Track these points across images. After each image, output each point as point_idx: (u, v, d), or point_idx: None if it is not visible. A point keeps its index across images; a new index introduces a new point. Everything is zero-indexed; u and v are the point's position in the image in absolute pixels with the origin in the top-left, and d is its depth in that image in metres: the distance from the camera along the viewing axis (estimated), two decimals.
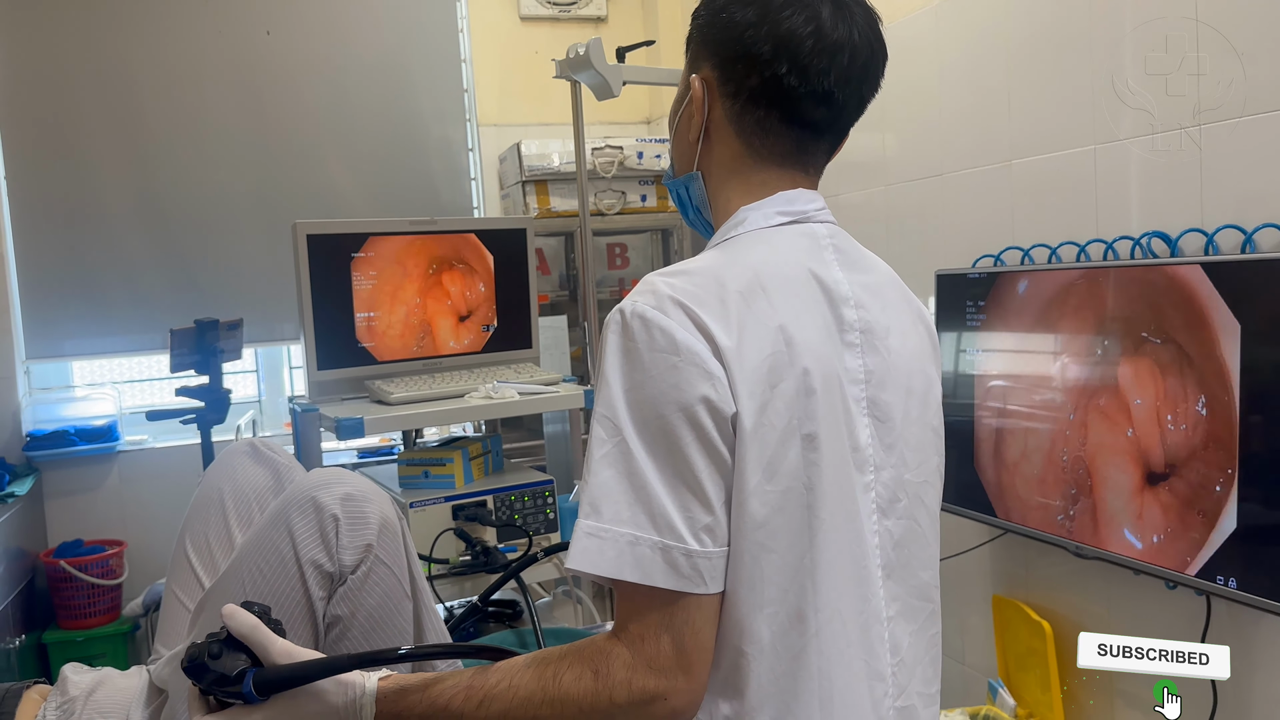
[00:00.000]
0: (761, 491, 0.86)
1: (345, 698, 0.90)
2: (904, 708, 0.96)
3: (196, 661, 0.90)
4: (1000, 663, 2.22)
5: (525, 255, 2.31)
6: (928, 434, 1.01)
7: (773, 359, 0.88)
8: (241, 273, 3.19)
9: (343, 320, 2.09)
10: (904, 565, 0.97)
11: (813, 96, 0.95)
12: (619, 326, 0.88)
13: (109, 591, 2.96)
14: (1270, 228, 1.57)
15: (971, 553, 2.28)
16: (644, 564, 0.83)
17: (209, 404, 2.22)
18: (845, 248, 1.00)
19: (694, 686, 0.85)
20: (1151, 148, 1.77)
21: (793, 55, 0.94)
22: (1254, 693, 1.67)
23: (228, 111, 3.19)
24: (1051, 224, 2.01)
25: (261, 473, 1.44)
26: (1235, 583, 1.58)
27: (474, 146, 3.58)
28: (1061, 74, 1.96)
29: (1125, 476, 1.76)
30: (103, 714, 1.20)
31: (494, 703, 0.86)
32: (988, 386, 2.09)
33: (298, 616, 1.11)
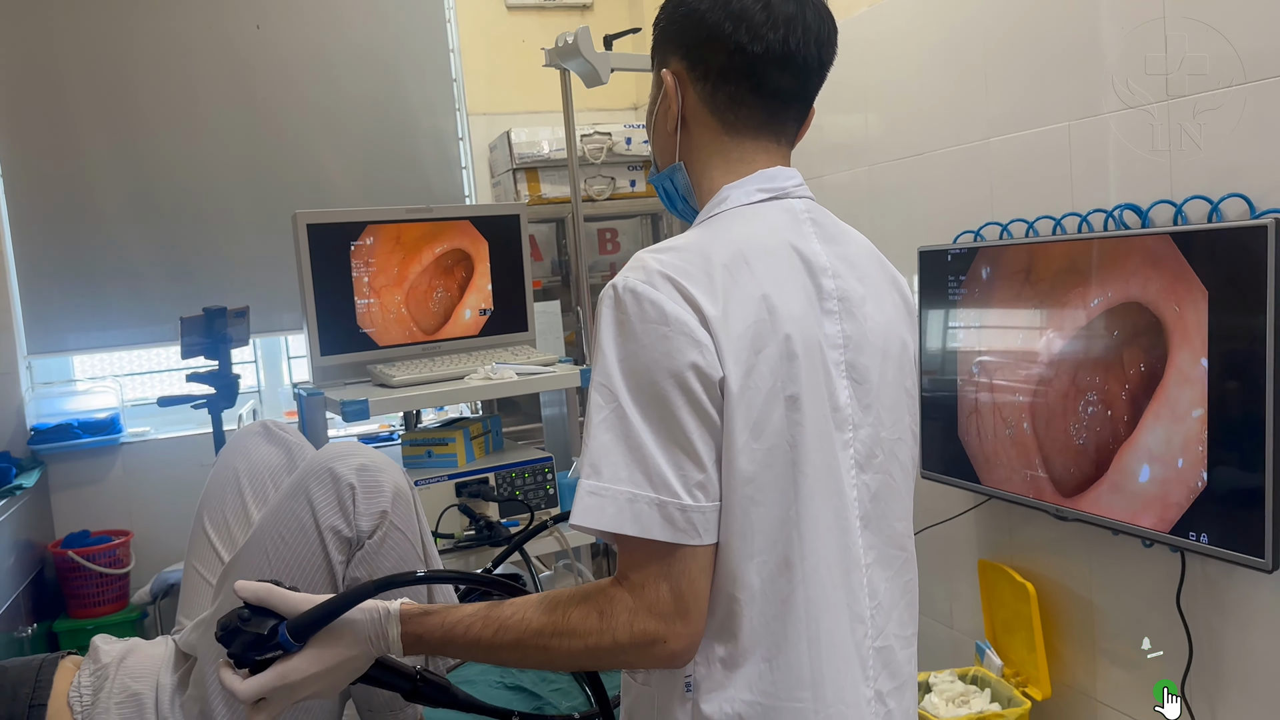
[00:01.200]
0: (749, 450, 0.92)
1: (373, 621, 0.97)
2: (882, 648, 1.03)
3: (229, 628, 0.95)
4: (987, 625, 2.29)
5: (520, 240, 2.36)
6: (901, 395, 1.08)
7: (756, 327, 0.94)
8: (238, 264, 3.24)
9: (344, 307, 2.15)
10: (880, 516, 1.04)
11: (775, 62, 1.02)
12: (612, 301, 0.94)
13: (117, 580, 3.01)
14: (1235, 198, 1.64)
15: (957, 519, 2.35)
16: (642, 519, 0.89)
17: (219, 389, 2.28)
18: (823, 221, 1.07)
19: (691, 631, 0.91)
20: (1124, 123, 1.84)
21: (749, 25, 1.01)
22: (1226, 642, 1.75)
23: (220, 105, 3.23)
24: (1029, 199, 2.07)
25: (274, 452, 1.50)
26: (1207, 538, 1.65)
27: (464, 135, 3.63)
28: (1037, 53, 2.02)
29: (1102, 441, 1.83)
30: (134, 678, 1.26)
31: (507, 632, 0.93)
32: (970, 359, 2.16)
33: (318, 580, 1.18)
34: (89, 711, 1.23)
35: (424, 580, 1.12)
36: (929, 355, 2.28)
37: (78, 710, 1.23)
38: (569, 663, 0.94)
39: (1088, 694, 2.07)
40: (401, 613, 0.98)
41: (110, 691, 1.25)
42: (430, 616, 0.98)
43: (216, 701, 1.21)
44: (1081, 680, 2.08)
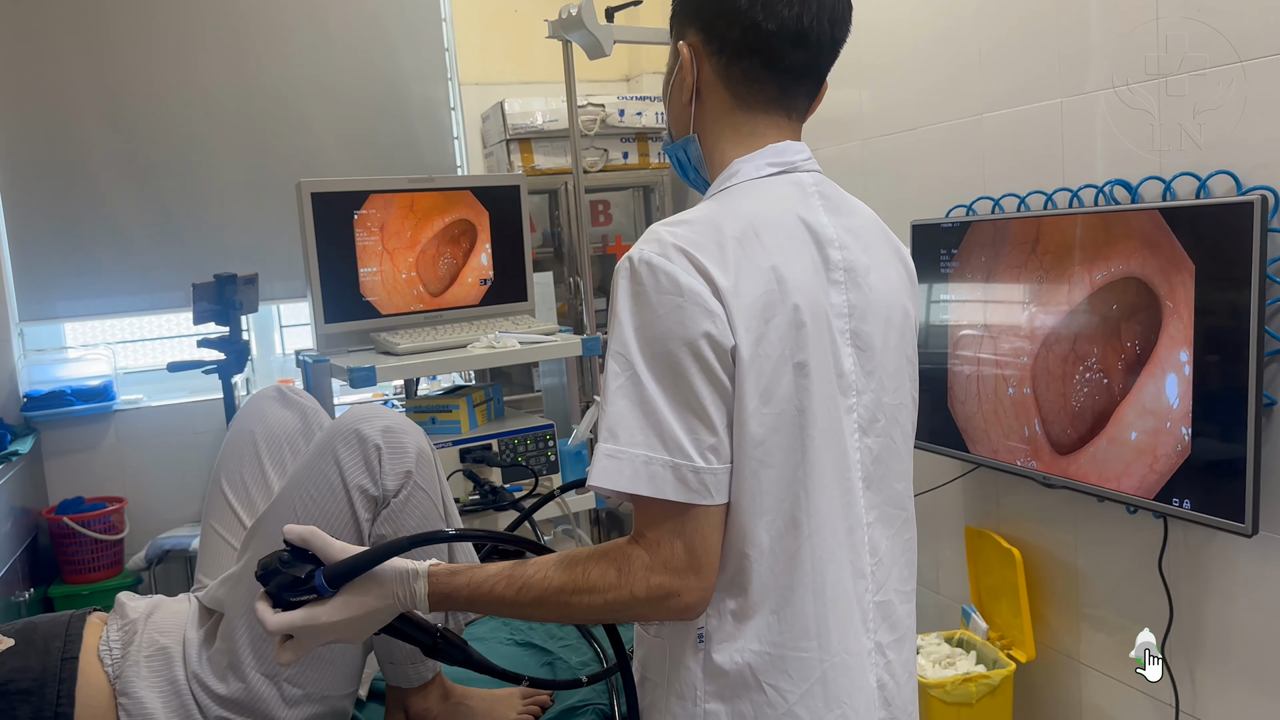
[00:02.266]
0: (759, 414, 0.97)
1: (401, 576, 1.02)
2: (882, 603, 1.09)
3: (269, 569, 1.00)
4: (973, 590, 2.36)
5: (519, 211, 2.39)
6: (903, 362, 1.13)
7: (766, 297, 0.98)
8: (231, 232, 3.24)
9: (347, 275, 2.17)
10: (881, 477, 1.09)
11: (789, 38, 1.05)
12: (629, 272, 0.98)
13: (111, 547, 3.03)
14: (1222, 174, 1.69)
15: (945, 487, 2.41)
16: (657, 480, 0.94)
17: (229, 355, 2.31)
18: (830, 194, 1.11)
19: (704, 585, 0.96)
20: (1114, 101, 1.88)
21: (765, 1, 1.04)
22: (1206, 604, 1.82)
23: (213, 73, 3.23)
24: (1021, 174, 2.12)
25: (290, 415, 1.54)
26: (1190, 504, 1.71)
27: (456, 105, 3.63)
28: (1030, 31, 2.06)
29: (1089, 409, 1.89)
30: (162, 633, 1.30)
31: (530, 590, 0.98)
32: (960, 331, 2.21)
33: (346, 537, 1.22)
34: (119, 665, 1.27)
35: (455, 538, 1.17)
36: (920, 327, 2.33)
37: (108, 663, 1.27)
38: (588, 617, 0.99)
39: (1071, 656, 2.14)
40: (429, 572, 1.02)
41: (139, 645, 1.28)
42: (456, 576, 1.02)
43: (245, 653, 1.25)
44: (1065, 643, 2.15)
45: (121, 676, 1.26)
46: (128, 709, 1.24)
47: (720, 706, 1.00)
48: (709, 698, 1.00)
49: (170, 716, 1.24)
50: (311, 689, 1.27)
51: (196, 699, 1.25)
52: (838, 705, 1.01)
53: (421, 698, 1.37)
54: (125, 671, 1.26)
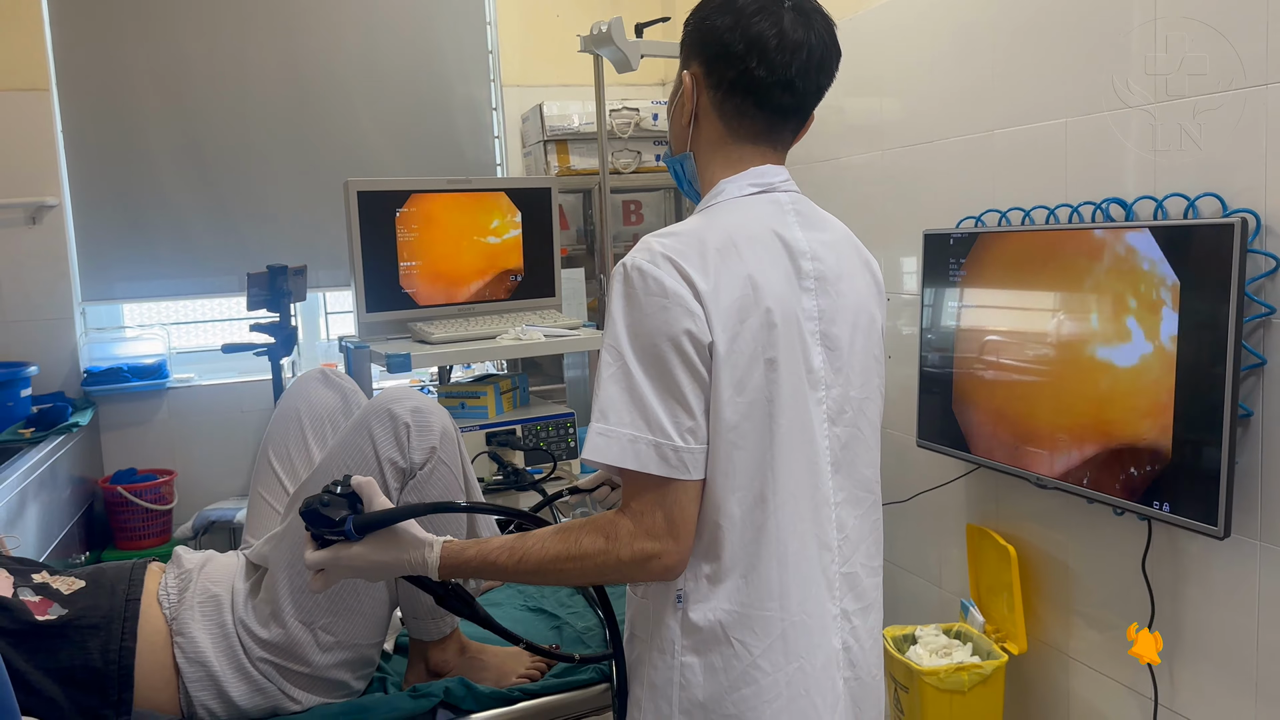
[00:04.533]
0: (733, 402, 1.11)
1: (418, 542, 1.18)
2: (848, 574, 1.22)
3: (312, 508, 1.16)
4: (972, 585, 2.47)
5: (550, 212, 2.53)
6: (870, 361, 1.26)
7: (741, 300, 1.12)
8: (281, 223, 3.41)
9: (388, 268, 2.33)
10: (849, 462, 1.22)
11: (778, 85, 1.19)
12: (622, 277, 1.13)
13: (161, 516, 3.21)
14: (1209, 196, 1.78)
15: (948, 486, 2.52)
16: (641, 457, 1.08)
17: (279, 339, 2.48)
18: (805, 211, 1.24)
19: (681, 549, 1.11)
20: (1117, 122, 1.98)
21: (761, 52, 1.17)
22: (1185, 603, 1.92)
23: (268, 72, 3.39)
24: (1027, 189, 2.22)
25: (332, 395, 1.70)
26: (1169, 507, 1.81)
27: (498, 106, 3.78)
28: (1040, 53, 2.16)
29: (1082, 415, 1.99)
30: (213, 583, 1.47)
31: (529, 559, 1.13)
32: (967, 337, 2.32)
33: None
34: (175, 608, 1.44)
35: (466, 509, 1.33)
36: (929, 332, 2.44)
37: (165, 607, 1.44)
38: (581, 580, 1.15)
39: (1062, 650, 2.24)
40: (444, 544, 1.19)
41: (194, 592, 1.45)
42: (466, 549, 1.18)
43: (286, 603, 1.41)
44: (1056, 637, 2.26)
45: (178, 619, 1.42)
46: (182, 647, 1.40)
47: (695, 659, 1.14)
48: (685, 651, 1.15)
49: (219, 655, 1.40)
50: (343, 636, 1.43)
51: (242, 641, 1.42)
52: (796, 659, 1.15)
53: (440, 650, 1.53)
54: (181, 614, 1.43)
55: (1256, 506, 1.75)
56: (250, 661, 1.41)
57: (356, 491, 1.19)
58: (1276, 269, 1.68)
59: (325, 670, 1.43)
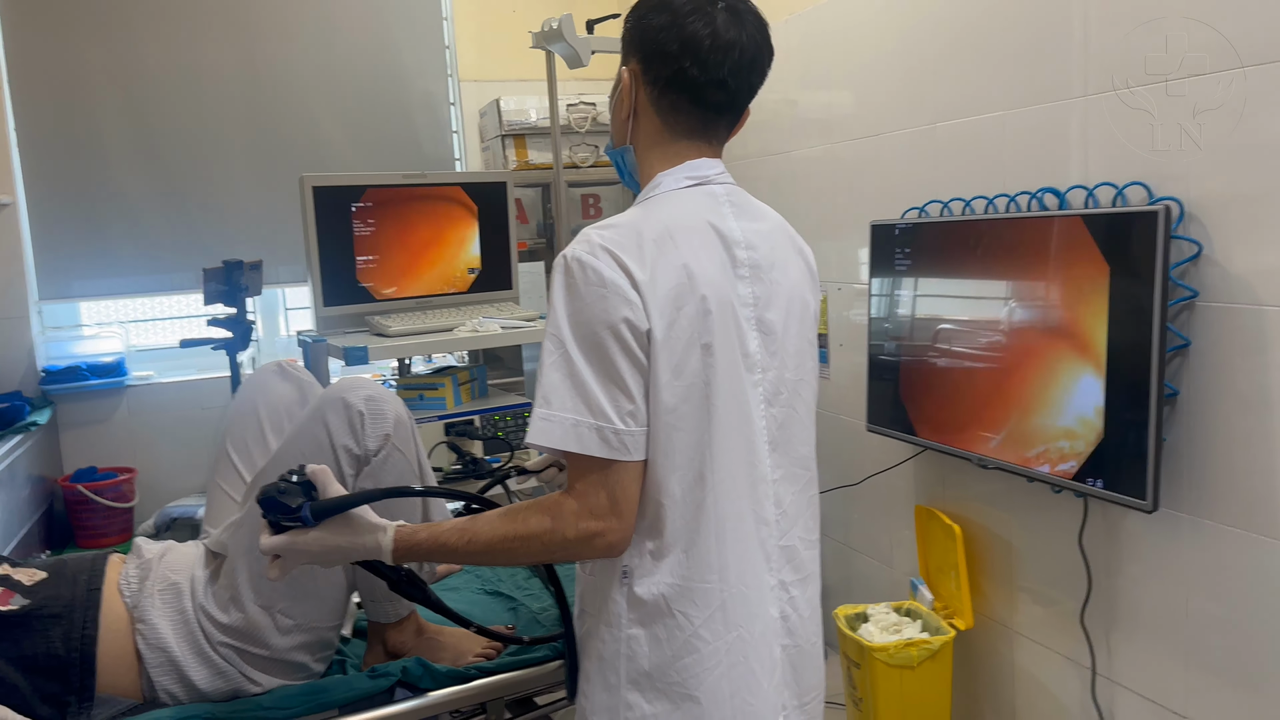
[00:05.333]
0: (671, 386, 1.16)
1: (372, 527, 1.22)
2: (786, 547, 1.28)
3: (269, 495, 1.20)
4: (921, 564, 2.54)
5: (506, 206, 2.57)
6: (804, 344, 1.32)
7: (677, 289, 1.17)
8: (239, 219, 3.41)
9: (345, 263, 2.36)
10: (786, 441, 1.28)
11: (711, 84, 1.24)
12: (563, 268, 1.18)
13: (122, 514, 3.21)
14: (1136, 185, 1.86)
15: (897, 468, 2.60)
16: (584, 439, 1.13)
17: (236, 334, 2.51)
18: (740, 202, 1.30)
19: (624, 527, 1.16)
20: (1050, 115, 2.05)
21: (694, 52, 1.22)
22: (1119, 576, 2.00)
23: (224, 65, 3.39)
24: (968, 180, 2.29)
25: (289, 388, 1.73)
26: (1102, 484, 1.89)
27: (455, 101, 3.80)
28: (978, 49, 2.23)
29: (1019, 397, 2.06)
30: (173, 571, 1.50)
31: (478, 540, 1.18)
32: (912, 324, 2.39)
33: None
34: (136, 596, 1.47)
35: (419, 494, 1.37)
36: (878, 321, 2.51)
37: (126, 595, 1.47)
38: (529, 559, 1.20)
39: (1006, 625, 2.33)
40: (396, 529, 1.23)
41: (154, 581, 1.48)
42: (418, 533, 1.23)
43: (245, 588, 1.44)
44: (1001, 612, 2.34)
45: (139, 606, 1.46)
46: (143, 633, 1.43)
47: (640, 631, 1.20)
48: (631, 624, 1.20)
49: (180, 641, 1.44)
50: (301, 620, 1.47)
51: (202, 627, 1.45)
52: (735, 628, 1.21)
53: (398, 632, 1.58)
54: (142, 602, 1.46)
55: (1184, 481, 1.83)
56: (211, 646, 1.45)
57: (311, 479, 1.23)
58: (1199, 254, 1.76)
59: (285, 653, 1.47)
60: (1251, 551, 1.72)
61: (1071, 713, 2.15)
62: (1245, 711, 1.76)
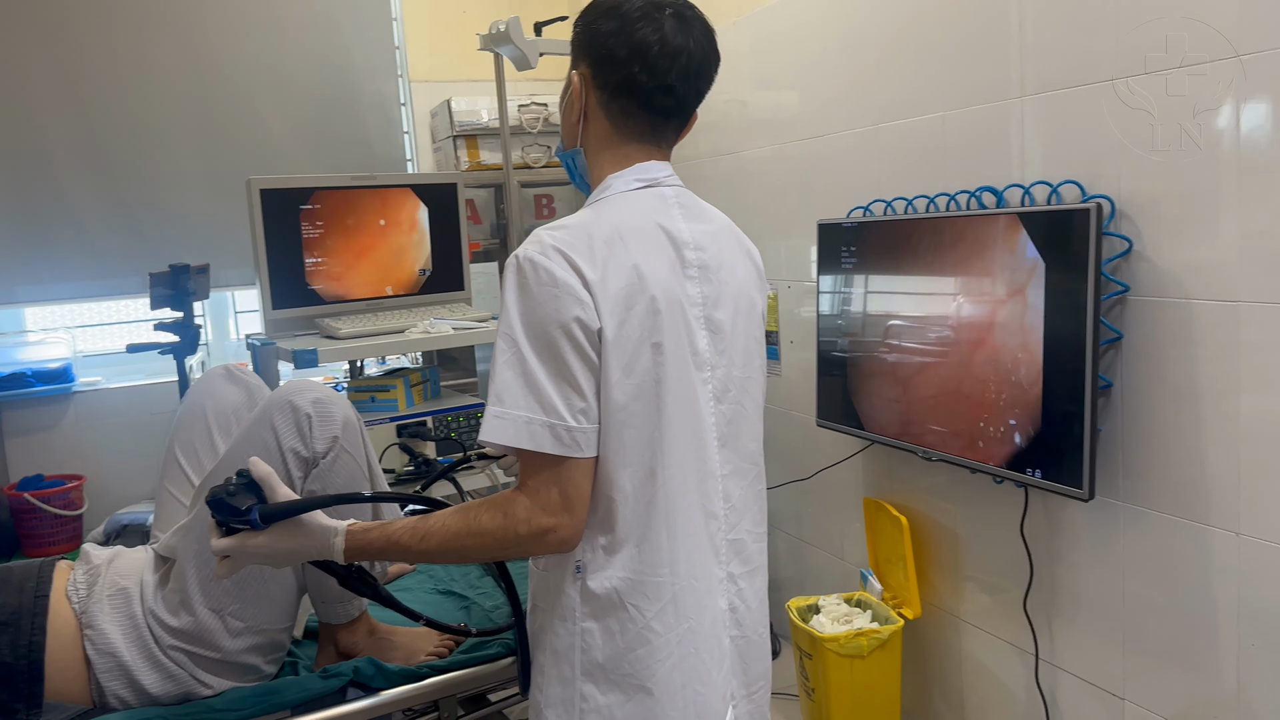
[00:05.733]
0: (622, 384, 1.18)
1: (324, 530, 1.22)
2: (735, 540, 1.31)
3: (218, 497, 1.21)
4: (871, 555, 2.59)
5: (457, 206, 2.58)
6: (752, 343, 1.35)
7: (628, 289, 1.19)
8: (187, 222, 3.37)
9: (293, 265, 2.35)
10: (735, 438, 1.31)
11: (659, 89, 1.27)
12: (515, 268, 1.19)
13: (71, 522, 3.17)
14: (1070, 183, 1.92)
15: (847, 462, 2.64)
16: (536, 437, 1.15)
17: (183, 337, 2.49)
18: (688, 204, 1.32)
19: (576, 523, 1.18)
20: (988, 115, 2.11)
21: (643, 58, 1.25)
22: (1060, 563, 2.06)
23: (169, 69, 3.35)
24: (910, 179, 2.34)
25: (237, 391, 1.73)
26: (1040, 473, 1.94)
27: (406, 101, 3.80)
28: (918, 51, 2.28)
29: (961, 391, 2.11)
30: (122, 576, 1.50)
31: (431, 538, 1.19)
32: (858, 321, 2.44)
33: None
34: (84, 602, 1.46)
35: (370, 499, 1.38)
36: (826, 318, 2.55)
37: (75, 601, 1.46)
38: (482, 556, 1.21)
39: (953, 613, 2.38)
40: (348, 529, 1.23)
41: (102, 586, 1.48)
42: (370, 532, 1.24)
43: (195, 591, 1.44)
44: (948, 601, 2.39)
45: (87, 612, 1.45)
46: (92, 639, 1.43)
47: (594, 624, 1.22)
48: (585, 617, 1.22)
49: (129, 646, 1.44)
50: (252, 622, 1.47)
51: (152, 631, 1.45)
52: (686, 620, 1.24)
53: (350, 633, 1.58)
54: (90, 608, 1.45)
55: (1118, 470, 1.89)
56: (161, 650, 1.45)
57: (257, 481, 1.24)
58: (1130, 250, 1.82)
59: (236, 655, 1.48)
60: (1183, 537, 1.78)
61: (1016, 697, 2.21)
62: (1180, 691, 1.82)
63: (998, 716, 2.28)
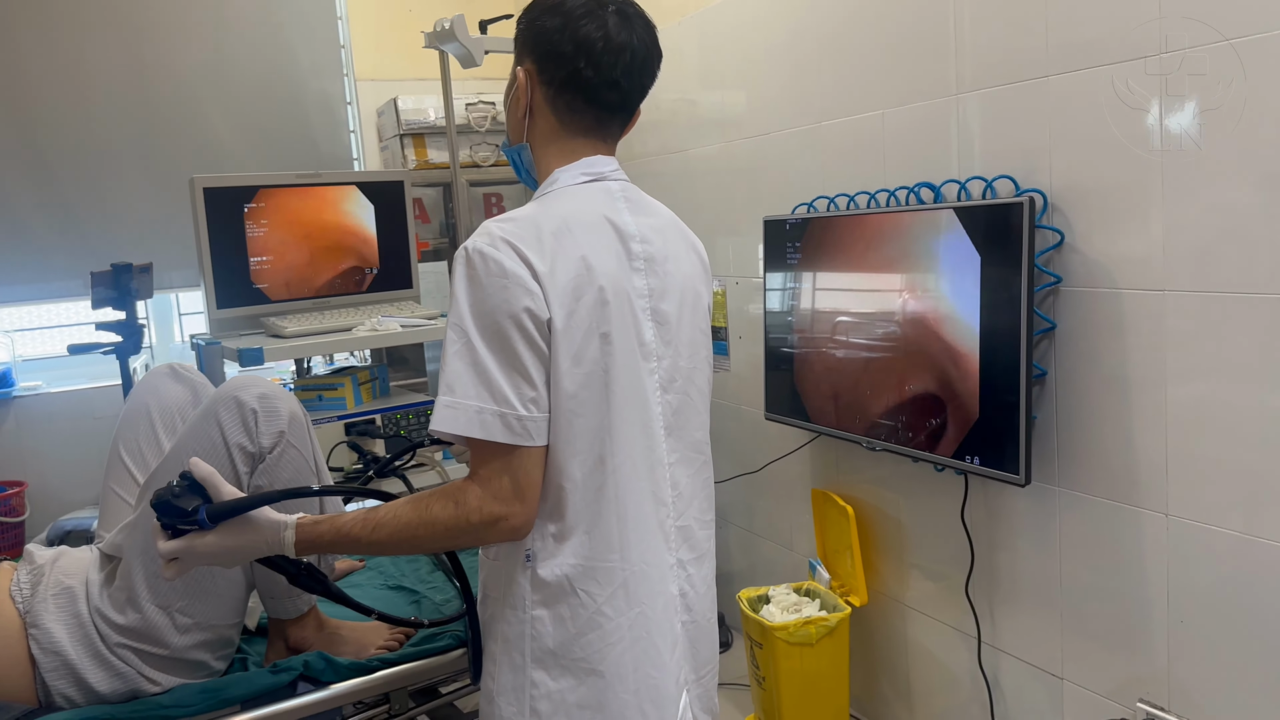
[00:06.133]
0: (571, 374, 1.20)
1: (273, 525, 1.22)
2: (683, 527, 1.34)
3: (163, 500, 1.20)
4: (819, 545, 2.64)
5: (404, 204, 2.58)
6: (698, 334, 1.38)
7: (576, 280, 1.21)
8: (129, 223, 3.33)
9: (238, 264, 2.34)
10: (681, 427, 1.34)
11: (605, 84, 1.29)
12: (464, 260, 1.21)
13: (12, 529, 3.12)
14: (1004, 178, 1.97)
15: (795, 454, 2.69)
16: (488, 426, 1.17)
17: (126, 337, 2.46)
18: (634, 198, 1.35)
19: (527, 511, 1.20)
20: (926, 113, 2.16)
21: (588, 53, 1.27)
22: (999, 548, 2.12)
23: (110, 68, 3.31)
24: (852, 175, 2.39)
25: (181, 390, 1.72)
26: (979, 460, 2.00)
27: (352, 100, 3.78)
28: (859, 49, 2.33)
29: (902, 382, 2.16)
30: (67, 575, 1.49)
31: (383, 529, 1.20)
32: (804, 315, 2.48)
33: None
34: (29, 602, 1.45)
35: (318, 493, 1.39)
36: (773, 313, 2.59)
37: (19, 601, 1.45)
38: (434, 546, 1.22)
39: (898, 600, 2.43)
40: (297, 522, 1.24)
41: (47, 585, 1.46)
42: (320, 524, 1.24)
43: (141, 588, 1.44)
44: (893, 588, 2.44)
45: (31, 611, 1.44)
46: (37, 639, 1.42)
47: (544, 611, 1.24)
48: (535, 605, 1.24)
49: (75, 644, 1.43)
50: (200, 618, 1.47)
51: (99, 629, 1.44)
52: (638, 605, 1.26)
53: (299, 627, 1.59)
54: (34, 607, 1.44)
55: (1053, 456, 1.95)
56: (108, 648, 1.44)
57: (200, 482, 1.23)
58: (1061, 242, 1.88)
59: (184, 651, 1.47)
60: (1116, 519, 1.84)
61: (960, 680, 2.26)
62: (1115, 669, 1.89)
63: (942, 699, 2.33)
